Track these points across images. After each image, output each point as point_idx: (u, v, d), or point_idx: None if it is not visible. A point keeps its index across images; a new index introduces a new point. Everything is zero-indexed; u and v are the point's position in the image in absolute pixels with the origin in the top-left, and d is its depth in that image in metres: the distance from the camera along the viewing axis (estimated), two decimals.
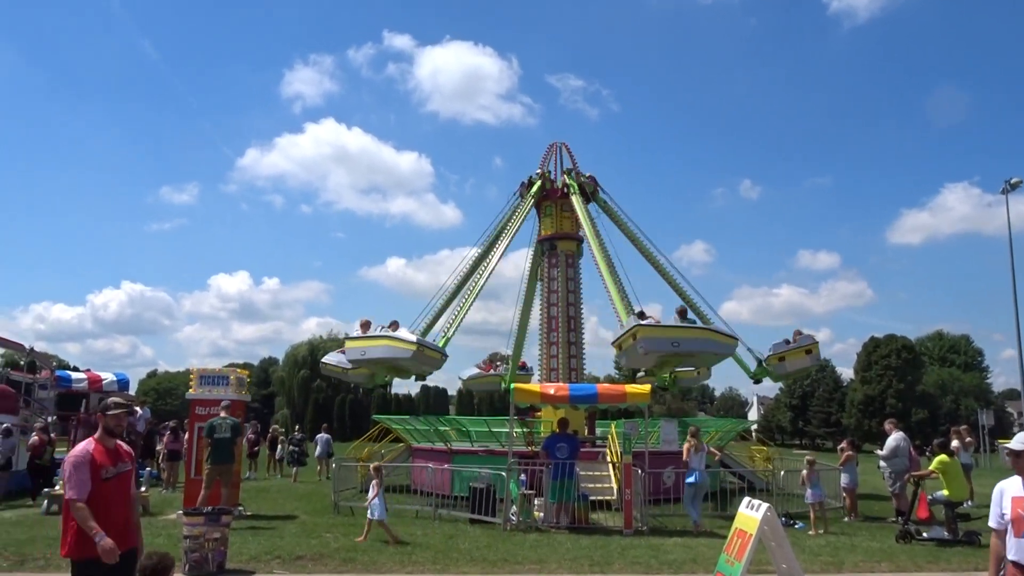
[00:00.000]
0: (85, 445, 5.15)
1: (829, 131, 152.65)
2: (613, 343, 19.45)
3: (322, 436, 27.38)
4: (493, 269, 23.20)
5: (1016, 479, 4.65)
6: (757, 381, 23.09)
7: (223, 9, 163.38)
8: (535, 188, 24.45)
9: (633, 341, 17.55)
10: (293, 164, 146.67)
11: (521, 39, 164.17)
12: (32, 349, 25.62)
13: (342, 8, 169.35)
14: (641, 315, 19.05)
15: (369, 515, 12.11)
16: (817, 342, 21.37)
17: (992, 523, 4.79)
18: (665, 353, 17.93)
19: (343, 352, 21.12)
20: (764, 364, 21.76)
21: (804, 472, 14.85)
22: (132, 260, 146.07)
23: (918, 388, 70.26)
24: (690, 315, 19.86)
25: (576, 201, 23.61)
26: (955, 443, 17.79)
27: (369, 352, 19.35)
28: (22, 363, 27.15)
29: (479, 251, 24.40)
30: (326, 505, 16.24)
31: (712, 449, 16.19)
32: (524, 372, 27.69)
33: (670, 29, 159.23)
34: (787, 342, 21.43)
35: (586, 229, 23.05)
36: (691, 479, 14.13)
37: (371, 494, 12.40)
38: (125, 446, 5.43)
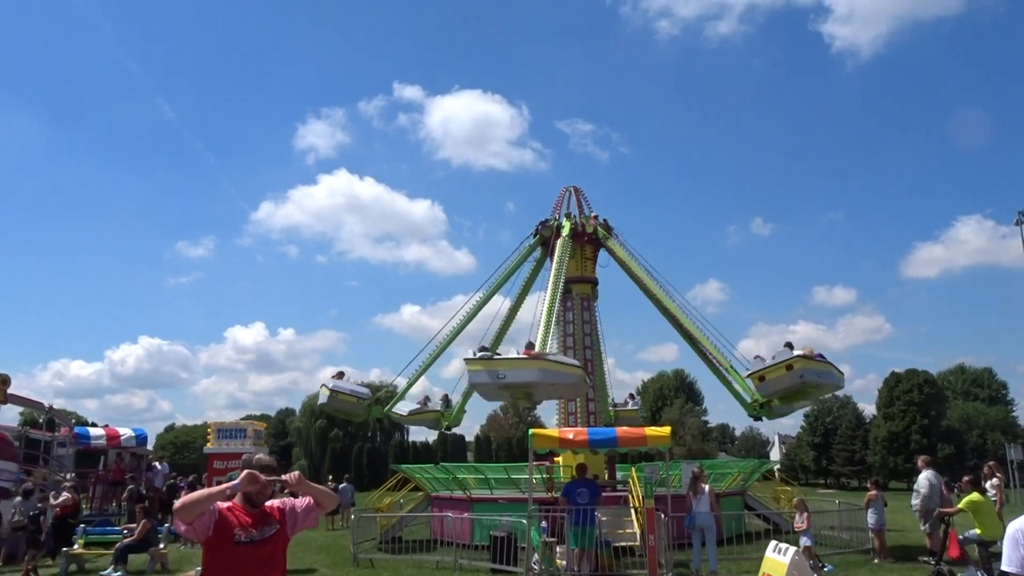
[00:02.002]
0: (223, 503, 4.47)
1: (838, 167, 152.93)
2: (750, 374, 19.66)
3: (345, 486, 27.38)
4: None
5: None
6: (757, 418, 22.71)
7: (236, 67, 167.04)
8: (567, 232, 24.30)
9: (787, 371, 18.38)
10: (307, 215, 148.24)
11: (529, 86, 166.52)
12: (51, 407, 25.70)
13: (352, 62, 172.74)
14: (789, 346, 19.41)
15: None
16: (803, 355, 18.72)
17: (1012, 567, 4.26)
18: (813, 383, 18.75)
19: (338, 379, 22.18)
20: (754, 401, 21.36)
21: (796, 522, 14.57)
22: (149, 314, 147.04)
23: (942, 423, 69.00)
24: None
25: (615, 245, 24.34)
26: (994, 480, 17.27)
27: (511, 376, 17.77)
28: (41, 421, 27.23)
29: (500, 297, 24.83)
30: (345, 557, 16.05)
31: (713, 494, 15.10)
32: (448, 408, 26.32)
33: (676, 72, 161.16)
34: (759, 358, 20.22)
35: (633, 269, 24.12)
36: (686, 522, 14.06)
37: None
38: (277, 503, 4.62)
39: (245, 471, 4.39)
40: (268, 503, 4.60)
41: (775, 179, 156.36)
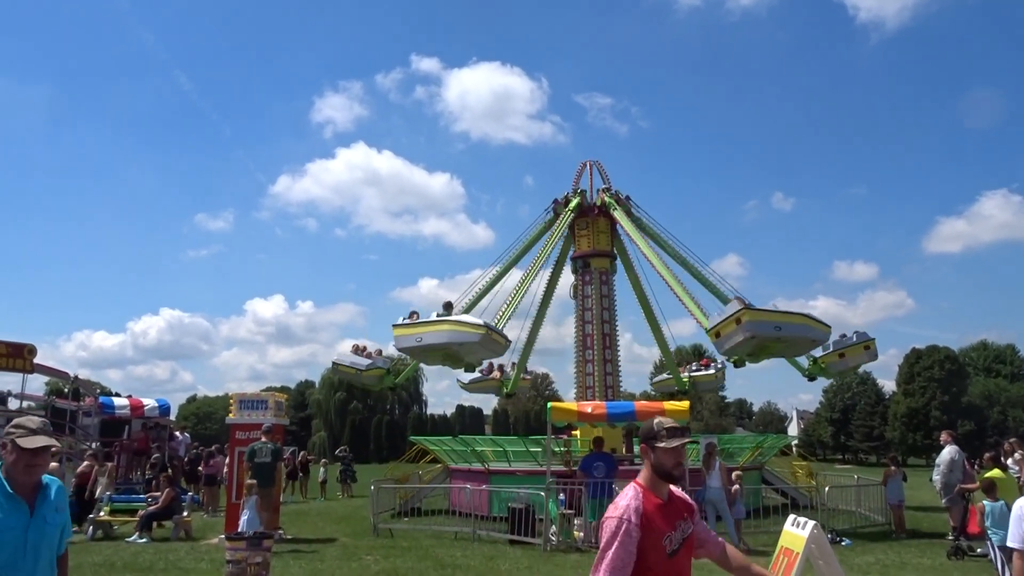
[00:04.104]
0: (629, 498, 3.38)
1: (861, 141, 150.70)
2: (709, 330, 19.09)
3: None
4: (528, 286, 23.32)
5: None
6: (812, 379, 23.16)
7: (254, 41, 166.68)
8: (572, 205, 24.37)
9: (737, 325, 17.70)
10: (325, 189, 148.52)
11: (548, 59, 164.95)
12: (76, 377, 26.13)
13: (369, 34, 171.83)
14: (740, 300, 19.12)
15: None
16: (874, 339, 21.62)
17: (1016, 543, 4.20)
18: (767, 337, 17.98)
19: (356, 353, 22.25)
20: (819, 362, 21.66)
21: (735, 487, 14.56)
22: (170, 287, 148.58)
23: (963, 400, 68.52)
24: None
25: (620, 216, 23.78)
26: (1017, 455, 17.11)
27: (427, 338, 18.54)
28: (66, 391, 27.68)
29: (517, 270, 24.68)
30: (365, 527, 16.26)
31: (727, 470, 15.22)
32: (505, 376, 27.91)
33: (697, 44, 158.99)
34: (844, 336, 21.82)
35: (638, 243, 23.25)
36: (698, 496, 14.10)
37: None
38: (680, 493, 3.58)
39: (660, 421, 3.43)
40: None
41: (797, 153, 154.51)
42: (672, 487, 3.51)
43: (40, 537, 3.42)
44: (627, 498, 3.37)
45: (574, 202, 24.52)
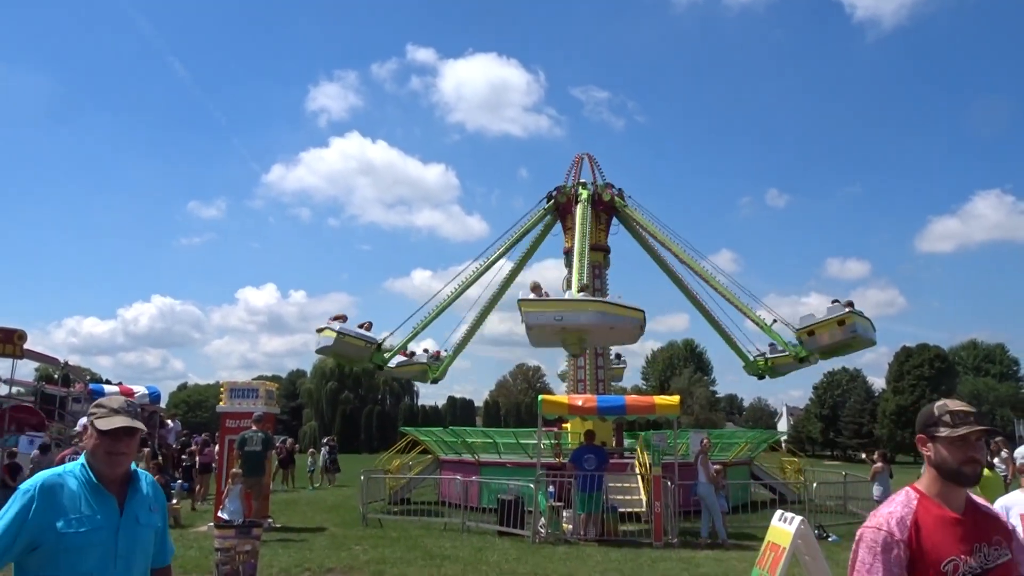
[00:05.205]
0: (896, 504, 2.64)
1: (856, 139, 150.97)
2: (800, 330, 20.33)
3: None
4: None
5: (1020, 493, 4.25)
6: (759, 377, 23.18)
7: (249, 28, 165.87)
8: (584, 196, 24.18)
9: (839, 327, 19.12)
10: (319, 178, 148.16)
11: (545, 51, 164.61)
12: (66, 363, 26.04)
13: (365, 24, 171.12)
14: (838, 302, 19.71)
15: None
16: (852, 312, 19.49)
17: None
18: (854, 337, 19.13)
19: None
20: (796, 343, 21.36)
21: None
22: (162, 274, 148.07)
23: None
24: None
25: (579, 209, 23.42)
26: (1003, 454, 17.22)
27: (569, 318, 17.37)
28: (56, 376, 27.59)
29: (505, 262, 24.61)
30: (355, 517, 16.28)
31: (714, 466, 15.32)
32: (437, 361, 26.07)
33: (695, 40, 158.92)
34: (809, 315, 21.20)
35: (577, 235, 22.54)
36: (692, 491, 14.28)
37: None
38: (989, 507, 2.80)
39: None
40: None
41: (792, 150, 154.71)
42: (976, 498, 2.68)
43: (132, 541, 2.82)
44: (893, 504, 2.62)
45: (585, 193, 24.25)
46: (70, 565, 2.66)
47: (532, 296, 17.99)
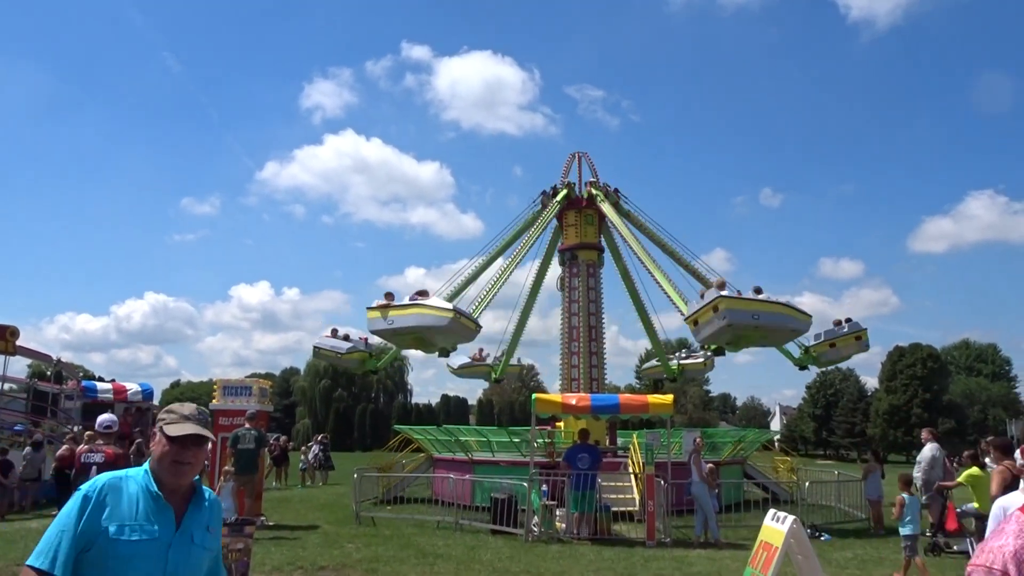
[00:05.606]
0: (1008, 536, 2.17)
1: (850, 139, 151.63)
2: (687, 318, 18.50)
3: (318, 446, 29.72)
4: (508, 276, 23.15)
5: (1019, 494, 4.31)
6: (803, 367, 23.02)
7: (244, 24, 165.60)
8: (560, 197, 24.31)
9: (714, 313, 17.03)
10: (313, 176, 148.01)
11: (540, 49, 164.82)
12: (59, 360, 25.92)
13: (360, 21, 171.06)
14: (722, 286, 18.67)
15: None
16: (866, 329, 21.39)
17: None
18: (744, 326, 17.22)
19: (334, 337, 22.34)
20: (810, 351, 21.60)
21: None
22: (155, 271, 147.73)
23: (944, 398, 69.23)
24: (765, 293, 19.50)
25: (607, 208, 23.74)
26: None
27: (398, 321, 18.50)
28: (49, 373, 27.48)
29: (501, 259, 24.51)
30: (347, 515, 16.26)
31: (705, 465, 14.97)
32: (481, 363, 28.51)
33: (690, 39, 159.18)
34: (837, 323, 21.71)
35: (623, 234, 23.09)
36: (686, 491, 14.30)
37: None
38: None
39: None
40: None
41: (786, 150, 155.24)
42: None
43: (184, 560, 2.66)
44: (1003, 537, 2.16)
45: (562, 193, 24.48)
46: (117, 574, 2.56)
47: (380, 303, 18.96)
